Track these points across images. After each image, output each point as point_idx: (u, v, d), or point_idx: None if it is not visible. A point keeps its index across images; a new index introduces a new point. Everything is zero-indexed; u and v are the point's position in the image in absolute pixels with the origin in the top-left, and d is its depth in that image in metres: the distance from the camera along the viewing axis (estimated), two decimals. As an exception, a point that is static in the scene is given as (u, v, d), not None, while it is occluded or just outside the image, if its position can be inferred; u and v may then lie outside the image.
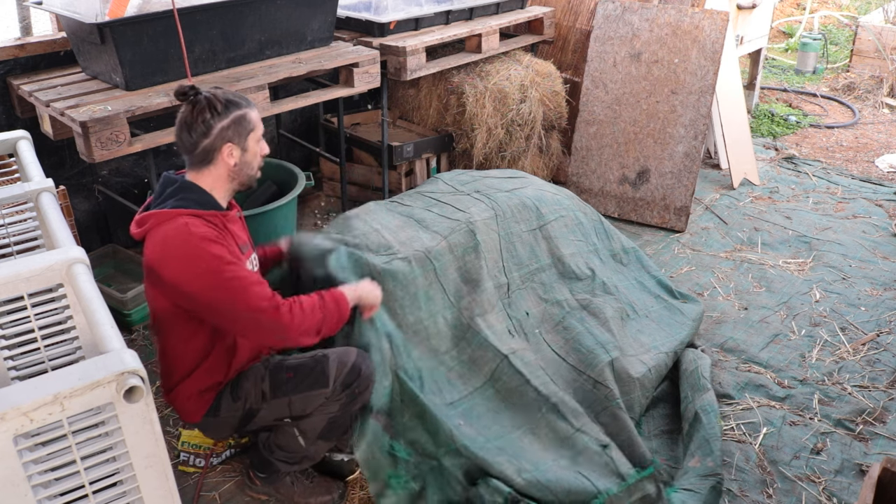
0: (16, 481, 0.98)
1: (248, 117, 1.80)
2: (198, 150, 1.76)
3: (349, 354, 1.92)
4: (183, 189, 1.78)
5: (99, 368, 1.01)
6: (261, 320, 1.72)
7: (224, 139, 1.77)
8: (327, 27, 3.19)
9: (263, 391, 1.90)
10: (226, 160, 1.79)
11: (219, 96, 1.76)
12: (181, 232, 1.70)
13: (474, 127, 3.59)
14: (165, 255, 1.71)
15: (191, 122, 1.74)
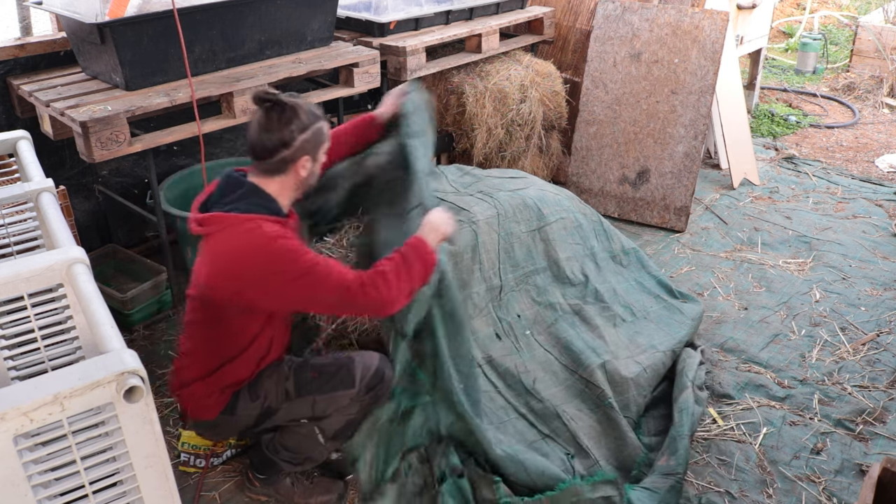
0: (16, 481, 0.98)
1: (324, 130, 1.82)
2: (274, 158, 1.75)
3: (373, 358, 1.94)
4: (251, 194, 1.77)
5: (99, 368, 1.01)
6: (352, 300, 1.73)
7: (303, 151, 1.76)
8: (327, 27, 3.19)
9: (287, 390, 1.89)
10: (298, 171, 1.78)
11: (303, 108, 1.76)
12: (255, 235, 1.69)
13: (474, 127, 3.59)
14: (241, 260, 1.69)
15: (273, 129, 1.72)
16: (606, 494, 1.97)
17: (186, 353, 1.88)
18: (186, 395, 1.89)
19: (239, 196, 1.76)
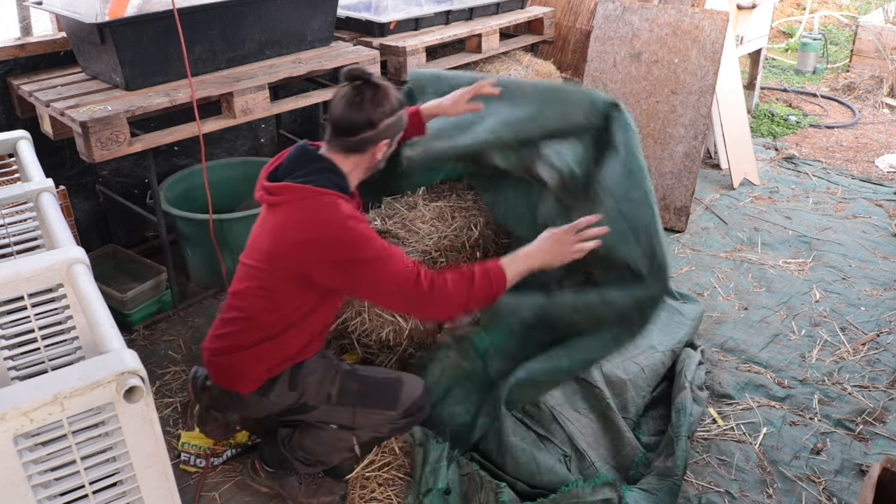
0: (16, 481, 0.98)
1: (404, 118, 1.82)
2: (356, 137, 1.75)
3: (418, 386, 1.95)
4: (327, 169, 1.77)
5: (99, 368, 1.01)
6: (408, 293, 1.71)
7: (385, 135, 1.78)
8: (327, 27, 3.19)
9: (329, 393, 1.88)
10: (375, 154, 1.80)
11: (393, 92, 1.77)
12: (332, 211, 1.69)
13: (474, 127, 3.59)
14: (315, 233, 1.69)
15: (361, 108, 1.72)
16: (606, 497, 1.97)
17: (231, 321, 1.85)
18: (223, 364, 1.85)
19: (315, 170, 1.76)
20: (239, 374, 1.84)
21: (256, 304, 1.80)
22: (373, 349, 2.59)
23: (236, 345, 1.83)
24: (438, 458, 2.04)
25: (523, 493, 2.01)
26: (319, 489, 2.07)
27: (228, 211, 3.03)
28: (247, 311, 1.83)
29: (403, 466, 2.21)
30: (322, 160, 1.78)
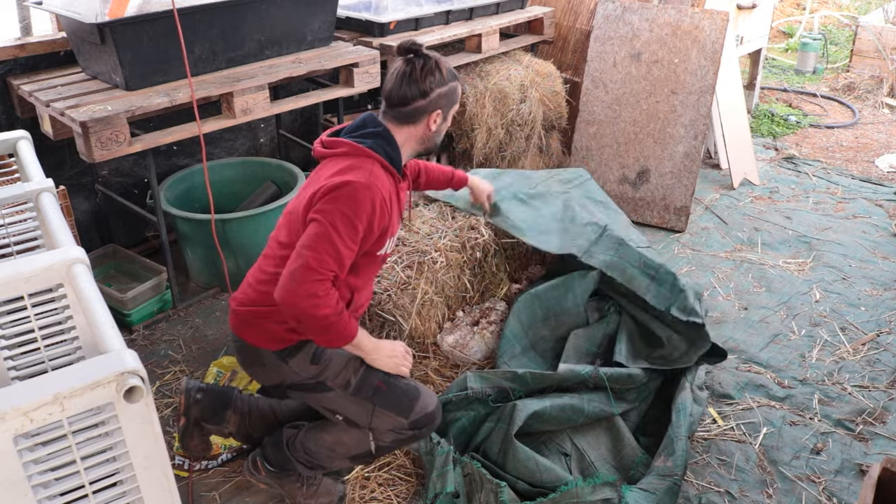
0: (16, 481, 0.98)
1: (458, 90, 1.88)
2: (409, 107, 1.80)
3: (433, 401, 1.92)
4: (383, 136, 1.81)
5: (99, 368, 1.01)
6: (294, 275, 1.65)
7: (437, 105, 1.82)
8: (327, 27, 3.19)
9: (349, 381, 1.85)
10: (429, 125, 1.84)
11: (444, 64, 1.82)
12: (365, 175, 1.72)
13: (474, 127, 3.59)
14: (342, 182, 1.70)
15: (414, 78, 1.78)
16: (606, 497, 1.97)
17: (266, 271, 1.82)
18: (248, 315, 1.82)
19: (370, 133, 1.81)
20: (263, 329, 1.81)
21: (287, 253, 1.76)
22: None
23: (266, 300, 1.79)
24: (444, 463, 2.04)
25: (524, 492, 2.01)
26: (318, 490, 2.07)
27: (228, 211, 3.03)
28: (279, 261, 1.79)
29: (404, 466, 2.21)
30: (381, 127, 1.83)
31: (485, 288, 2.86)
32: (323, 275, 1.67)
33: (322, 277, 1.67)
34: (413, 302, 2.50)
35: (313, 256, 1.66)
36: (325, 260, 1.67)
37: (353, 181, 1.71)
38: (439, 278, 2.58)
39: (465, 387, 2.26)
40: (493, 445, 2.13)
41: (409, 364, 1.92)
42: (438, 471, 2.03)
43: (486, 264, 2.79)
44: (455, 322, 2.71)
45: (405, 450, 2.25)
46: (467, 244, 2.68)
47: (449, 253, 2.61)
